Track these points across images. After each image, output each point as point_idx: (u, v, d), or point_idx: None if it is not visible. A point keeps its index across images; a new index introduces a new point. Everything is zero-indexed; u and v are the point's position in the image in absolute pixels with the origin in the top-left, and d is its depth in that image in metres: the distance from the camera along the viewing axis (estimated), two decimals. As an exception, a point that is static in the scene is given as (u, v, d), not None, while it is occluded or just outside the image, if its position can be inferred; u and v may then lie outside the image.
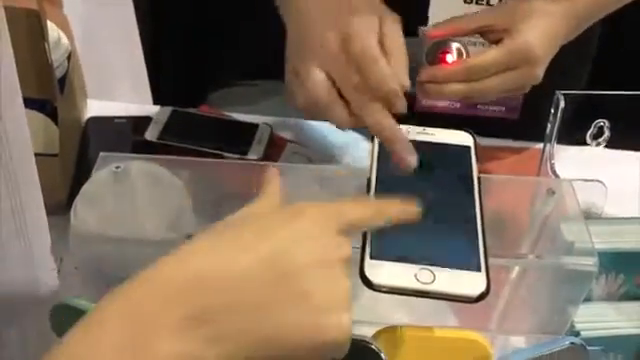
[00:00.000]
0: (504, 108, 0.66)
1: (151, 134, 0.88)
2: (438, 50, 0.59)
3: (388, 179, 0.48)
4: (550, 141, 0.60)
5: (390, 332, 0.45)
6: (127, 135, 0.89)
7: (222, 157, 0.86)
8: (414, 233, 0.44)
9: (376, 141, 0.52)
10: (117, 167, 0.51)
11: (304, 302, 0.36)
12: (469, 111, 0.68)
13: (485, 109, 0.68)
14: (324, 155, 0.89)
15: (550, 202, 0.51)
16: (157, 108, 0.91)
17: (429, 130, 0.52)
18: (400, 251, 0.43)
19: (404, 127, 0.53)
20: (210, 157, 0.86)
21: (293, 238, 0.37)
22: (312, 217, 0.38)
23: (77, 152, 0.86)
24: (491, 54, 0.56)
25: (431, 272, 0.42)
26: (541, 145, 0.63)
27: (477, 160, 0.51)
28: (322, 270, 0.36)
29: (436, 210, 0.46)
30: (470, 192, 0.48)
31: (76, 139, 0.87)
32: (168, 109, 0.91)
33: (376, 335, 0.45)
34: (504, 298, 0.52)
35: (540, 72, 0.58)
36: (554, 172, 0.58)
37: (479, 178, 0.49)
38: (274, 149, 0.89)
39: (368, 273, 0.42)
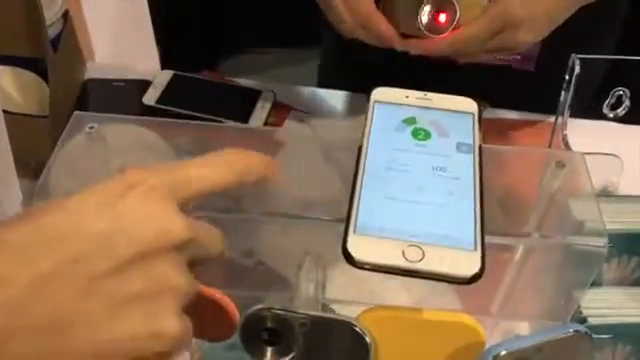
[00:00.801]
0: (519, 56, 0.63)
1: (149, 98, 0.84)
2: (433, 5, 0.58)
3: (382, 146, 0.44)
4: (563, 110, 0.55)
5: (376, 312, 0.42)
6: (125, 99, 0.86)
7: (223, 124, 0.83)
8: (404, 206, 0.41)
9: (371, 104, 0.48)
10: (91, 127, 0.48)
11: (119, 309, 0.30)
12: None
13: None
14: (330, 125, 0.85)
15: (559, 176, 0.47)
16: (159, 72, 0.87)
17: (430, 95, 0.48)
18: (387, 226, 0.39)
19: (402, 91, 0.49)
20: (207, 123, 0.83)
21: (109, 229, 0.30)
22: (142, 195, 0.32)
23: (71, 114, 0.83)
24: (475, 26, 0.58)
25: (420, 249, 0.38)
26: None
27: (480, 128, 0.47)
28: (139, 266, 0.30)
29: (431, 182, 0.42)
30: (469, 163, 0.44)
31: (71, 101, 0.83)
32: (169, 73, 0.87)
33: (361, 316, 0.42)
34: (507, 280, 0.48)
35: (523, 35, 0.57)
36: (566, 144, 0.54)
37: (480, 147, 0.45)
38: (277, 117, 0.86)
39: (351, 248, 0.38)
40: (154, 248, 0.30)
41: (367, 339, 0.41)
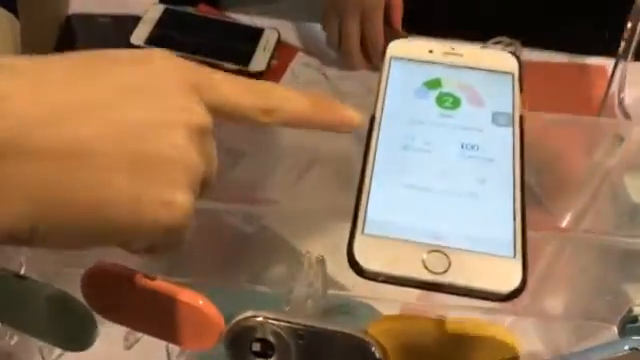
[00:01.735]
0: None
1: (138, 37, 0.75)
2: None
3: (399, 117, 0.36)
4: (622, 62, 0.44)
5: (389, 323, 0.34)
6: (112, 38, 0.77)
7: (220, 67, 0.74)
8: (424, 197, 0.32)
9: (386, 61, 0.39)
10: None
11: (126, 164, 0.27)
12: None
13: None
14: (340, 67, 0.76)
15: (615, 151, 0.38)
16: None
17: (460, 49, 0.39)
18: (404, 224, 0.31)
19: (425, 44, 0.39)
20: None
21: (130, 88, 0.28)
22: (171, 71, 0.30)
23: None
24: None
25: (445, 256, 0.30)
26: (611, 63, 0.48)
27: (522, 92, 0.38)
28: (158, 131, 0.28)
29: (458, 164, 0.34)
30: (508, 139, 0.35)
31: (50, 40, 0.75)
32: (160, 7, 0.78)
33: (371, 327, 0.34)
34: (539, 271, 0.40)
35: None
36: (624, 111, 0.44)
37: (522, 119, 0.36)
38: (281, 59, 0.76)
39: (358, 253, 0.30)
40: (176, 119, 0.29)
41: (377, 355, 0.34)
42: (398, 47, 0.39)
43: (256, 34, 0.76)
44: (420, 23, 0.78)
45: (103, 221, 0.27)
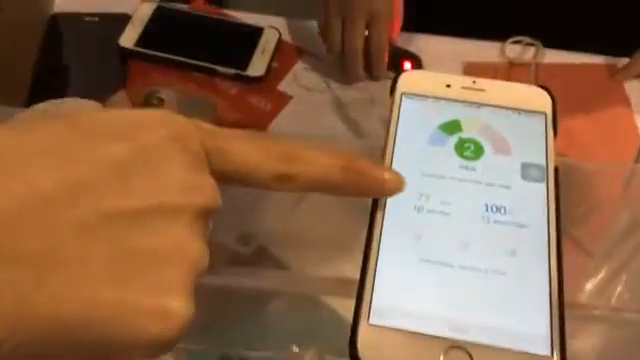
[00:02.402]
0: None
1: (127, 39, 0.69)
2: (399, 55, 0.68)
3: (411, 169, 0.30)
4: None
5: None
6: (99, 38, 0.71)
7: (215, 72, 0.68)
8: (441, 276, 0.27)
9: (397, 98, 0.33)
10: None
11: (109, 268, 0.22)
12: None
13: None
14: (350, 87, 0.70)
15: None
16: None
17: (482, 83, 0.33)
18: (418, 311, 0.26)
19: (442, 77, 0.34)
20: (200, 72, 0.68)
21: (116, 169, 0.23)
22: (173, 139, 0.24)
23: (36, 59, 0.69)
24: None
25: (467, 355, 0.25)
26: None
27: (555, 136, 0.32)
28: (151, 221, 0.23)
29: (482, 232, 0.28)
30: (541, 198, 0.30)
31: (33, 42, 0.69)
32: (151, 5, 0.72)
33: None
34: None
35: None
36: None
37: (556, 171, 0.30)
38: (282, 62, 0.70)
39: (362, 349, 0.25)
40: (178, 204, 0.24)
41: None
42: (410, 80, 0.33)
43: (255, 34, 0.71)
44: (435, 22, 0.72)
45: (77, 339, 0.22)
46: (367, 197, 0.29)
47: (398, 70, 0.65)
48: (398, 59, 0.68)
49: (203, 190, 0.24)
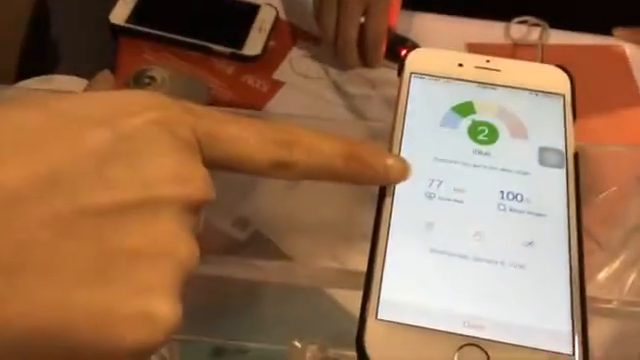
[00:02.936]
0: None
1: (118, 15, 0.67)
2: (397, 43, 0.65)
3: (421, 154, 0.28)
4: None
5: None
6: (89, 15, 0.69)
7: (210, 51, 0.66)
8: (454, 268, 0.25)
9: (405, 78, 0.31)
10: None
11: (88, 267, 0.20)
12: None
13: None
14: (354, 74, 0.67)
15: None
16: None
17: (496, 62, 0.31)
18: (430, 305, 0.24)
19: (453, 55, 0.32)
20: (194, 51, 0.66)
21: (98, 159, 0.21)
22: (162, 126, 0.22)
23: (25, 36, 0.66)
24: None
25: (483, 352, 0.24)
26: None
27: (575, 118, 0.30)
28: (135, 217, 0.21)
29: (497, 221, 0.26)
30: (561, 185, 0.28)
31: (22, 17, 0.67)
32: (143, -20, 0.69)
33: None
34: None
35: None
36: None
37: (576, 156, 0.29)
38: (279, 41, 0.68)
39: (370, 347, 0.24)
40: (165, 196, 0.21)
41: None
42: (420, 59, 0.31)
43: (251, 12, 0.68)
44: (436, 0, 0.70)
45: (51, 346, 0.20)
46: (370, 185, 0.27)
47: (396, 59, 0.63)
48: (396, 47, 0.64)
49: (193, 181, 0.22)
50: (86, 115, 0.21)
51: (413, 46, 0.66)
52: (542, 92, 0.30)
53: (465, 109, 0.30)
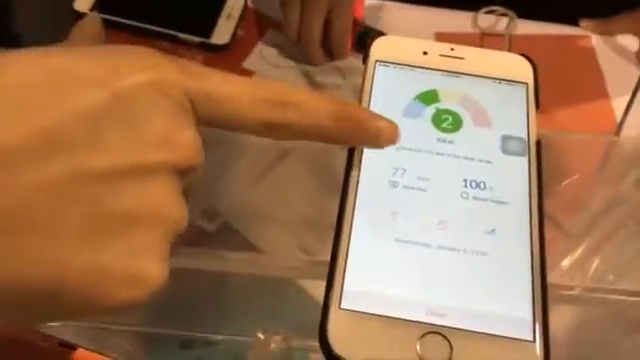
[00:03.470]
0: None
1: (82, 3, 0.66)
2: (367, 35, 0.64)
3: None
4: None
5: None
6: (54, 3, 0.67)
7: (177, 40, 0.65)
8: (418, 257, 0.25)
9: (370, 66, 0.31)
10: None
11: (79, 230, 0.20)
12: None
13: None
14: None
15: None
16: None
17: (461, 50, 0.31)
18: (393, 294, 0.24)
19: (419, 43, 0.32)
20: (161, 40, 0.65)
21: (101, 114, 0.21)
22: (152, 85, 0.22)
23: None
24: None
25: (445, 340, 0.24)
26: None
27: (538, 107, 0.30)
28: (126, 181, 0.21)
29: (460, 210, 0.27)
30: (523, 173, 0.28)
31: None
32: (108, -33, 0.68)
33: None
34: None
35: None
36: None
37: (539, 145, 0.29)
38: (248, 30, 0.67)
39: (333, 336, 0.24)
40: (157, 161, 0.22)
41: None
42: (384, 47, 0.31)
43: (219, 0, 0.67)
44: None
45: (45, 303, 0.20)
46: (360, 146, 0.27)
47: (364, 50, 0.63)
48: (364, 38, 0.64)
49: (184, 145, 0.23)
50: (84, 74, 0.21)
51: (380, 35, 0.66)
52: (506, 80, 0.31)
53: (429, 97, 0.30)
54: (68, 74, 0.21)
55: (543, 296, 0.25)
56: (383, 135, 0.27)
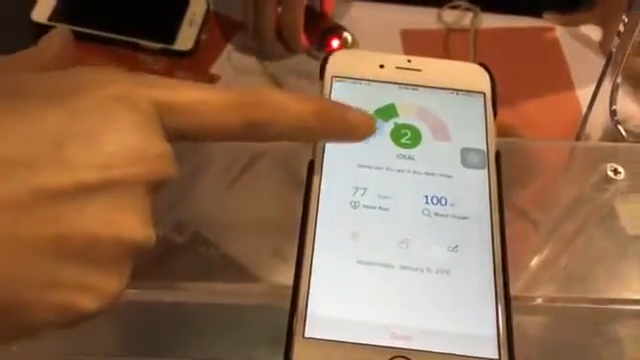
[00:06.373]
0: None
1: (40, 13, 0.64)
2: (329, 32, 0.63)
3: (344, 161, 0.28)
4: (618, 59, 0.36)
5: None
6: (9, 13, 0.66)
7: (139, 47, 0.64)
8: (382, 278, 0.25)
9: (327, 82, 0.30)
10: None
11: (59, 244, 0.20)
12: None
13: None
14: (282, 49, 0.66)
15: (608, 187, 0.31)
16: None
17: (417, 62, 0.31)
18: (357, 321, 0.24)
19: (375, 56, 0.31)
20: (123, 48, 0.64)
21: (63, 131, 0.20)
22: (113, 99, 0.22)
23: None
24: None
25: (411, 363, 0.24)
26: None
27: (495, 117, 0.30)
28: (89, 201, 0.21)
29: (422, 227, 0.26)
30: (483, 186, 0.28)
31: None
32: (65, -26, 0.66)
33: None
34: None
35: None
36: (615, 122, 0.36)
37: (498, 155, 0.29)
38: (213, 34, 0.66)
39: (297, 365, 0.23)
40: (126, 177, 0.21)
41: None
42: (340, 62, 0.31)
43: (180, 5, 0.66)
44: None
45: (4, 318, 0.20)
46: (340, 142, 0.27)
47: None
48: (327, 36, 0.64)
49: (155, 159, 0.22)
50: (41, 95, 0.21)
51: (343, 33, 0.65)
52: (463, 91, 0.30)
53: (387, 112, 0.29)
54: (25, 95, 0.21)
55: (507, 312, 0.25)
56: (361, 128, 0.26)
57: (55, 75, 0.22)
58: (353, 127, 0.26)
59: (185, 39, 0.64)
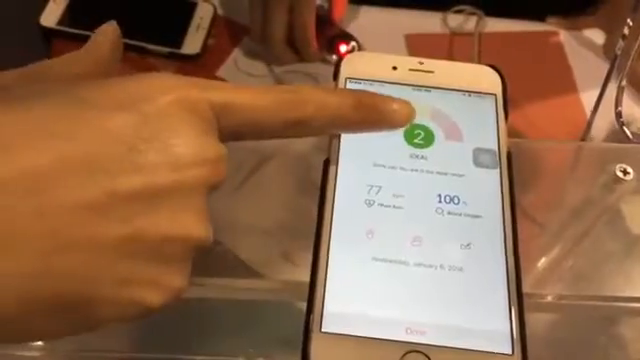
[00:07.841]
0: None
1: (49, 17, 0.65)
2: (337, 38, 0.64)
3: (359, 161, 0.28)
4: (619, 63, 0.36)
5: None
6: (18, 17, 0.67)
7: (147, 51, 0.65)
8: (396, 275, 0.26)
9: (341, 83, 0.31)
10: None
11: (131, 243, 0.21)
12: None
13: None
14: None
15: (617, 188, 0.32)
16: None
17: (430, 64, 0.32)
18: (372, 317, 0.25)
19: (388, 58, 0.32)
20: (131, 51, 0.64)
21: (117, 144, 0.21)
22: (176, 104, 0.23)
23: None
24: None
25: (426, 357, 0.24)
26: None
27: (506, 118, 0.31)
28: (156, 203, 0.22)
29: (434, 225, 0.27)
30: (495, 186, 0.28)
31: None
32: (74, -21, 0.67)
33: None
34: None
35: None
36: (621, 123, 0.37)
37: (509, 156, 0.29)
38: (220, 38, 0.67)
39: (316, 358, 0.24)
40: (193, 179, 0.22)
41: None
42: (354, 64, 0.31)
43: (188, 10, 0.67)
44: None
45: (76, 316, 0.21)
46: (379, 130, 0.28)
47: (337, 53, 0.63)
48: (334, 42, 0.64)
49: (215, 160, 0.23)
50: (108, 101, 0.22)
51: (351, 39, 0.65)
52: (474, 92, 0.31)
53: (401, 113, 0.30)
54: (93, 103, 0.22)
55: (519, 308, 0.25)
56: (400, 114, 0.28)
57: (120, 81, 0.23)
58: (392, 114, 0.28)
59: (192, 43, 0.65)
